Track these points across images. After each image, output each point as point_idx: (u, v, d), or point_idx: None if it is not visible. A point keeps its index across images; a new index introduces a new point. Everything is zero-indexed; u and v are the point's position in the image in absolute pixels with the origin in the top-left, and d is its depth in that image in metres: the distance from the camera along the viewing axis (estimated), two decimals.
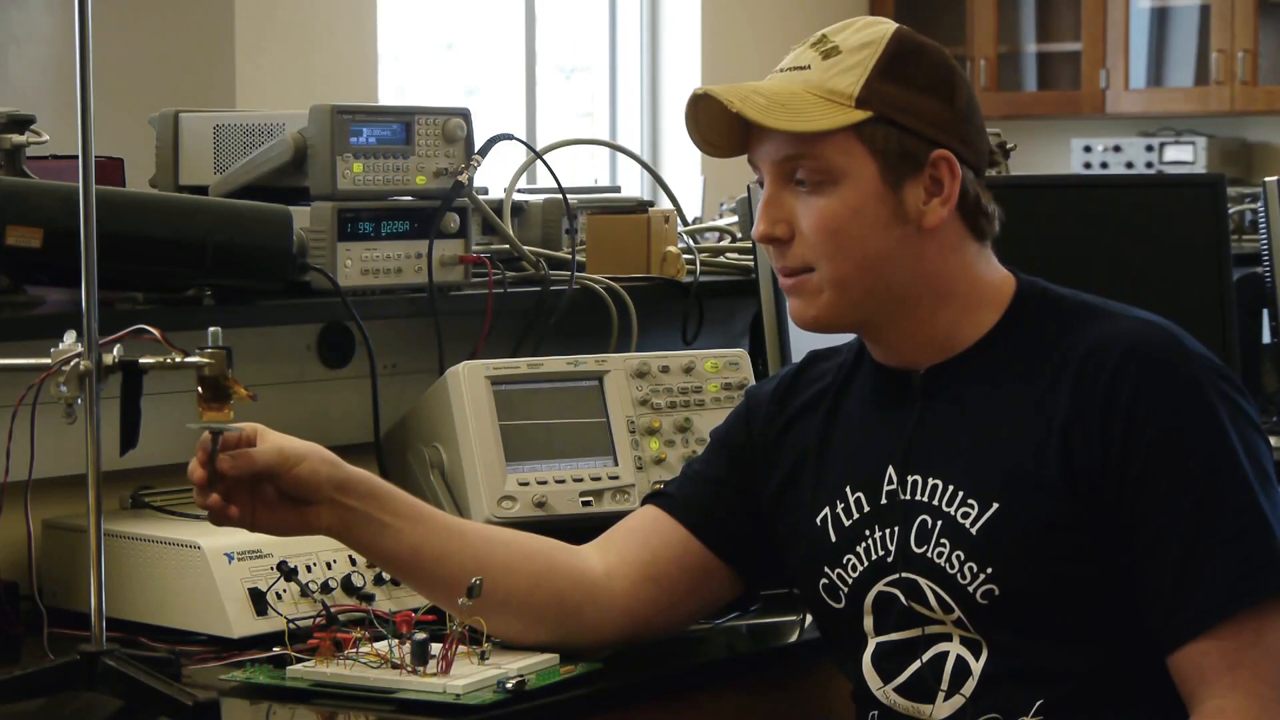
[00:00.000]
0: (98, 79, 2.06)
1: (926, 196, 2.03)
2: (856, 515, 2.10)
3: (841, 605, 2.11)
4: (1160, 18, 7.88)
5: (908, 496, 2.06)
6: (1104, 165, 7.81)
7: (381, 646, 2.11)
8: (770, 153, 2.05)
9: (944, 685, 2.04)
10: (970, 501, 2.01)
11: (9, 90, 5.66)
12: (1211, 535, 1.93)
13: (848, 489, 2.11)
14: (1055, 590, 1.98)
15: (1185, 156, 7.69)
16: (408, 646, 2.08)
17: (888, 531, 2.07)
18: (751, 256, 3.01)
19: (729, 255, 3.30)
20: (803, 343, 2.87)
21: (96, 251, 2.06)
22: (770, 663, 2.41)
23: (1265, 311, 3.72)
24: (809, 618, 2.48)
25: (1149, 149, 7.79)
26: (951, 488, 2.03)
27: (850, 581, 2.10)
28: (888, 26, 2.06)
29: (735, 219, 3.56)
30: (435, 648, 2.09)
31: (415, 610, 2.15)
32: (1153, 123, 7.90)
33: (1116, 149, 7.81)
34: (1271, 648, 1.92)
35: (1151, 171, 7.61)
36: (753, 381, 2.69)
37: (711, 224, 3.69)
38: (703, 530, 2.20)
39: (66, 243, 2.12)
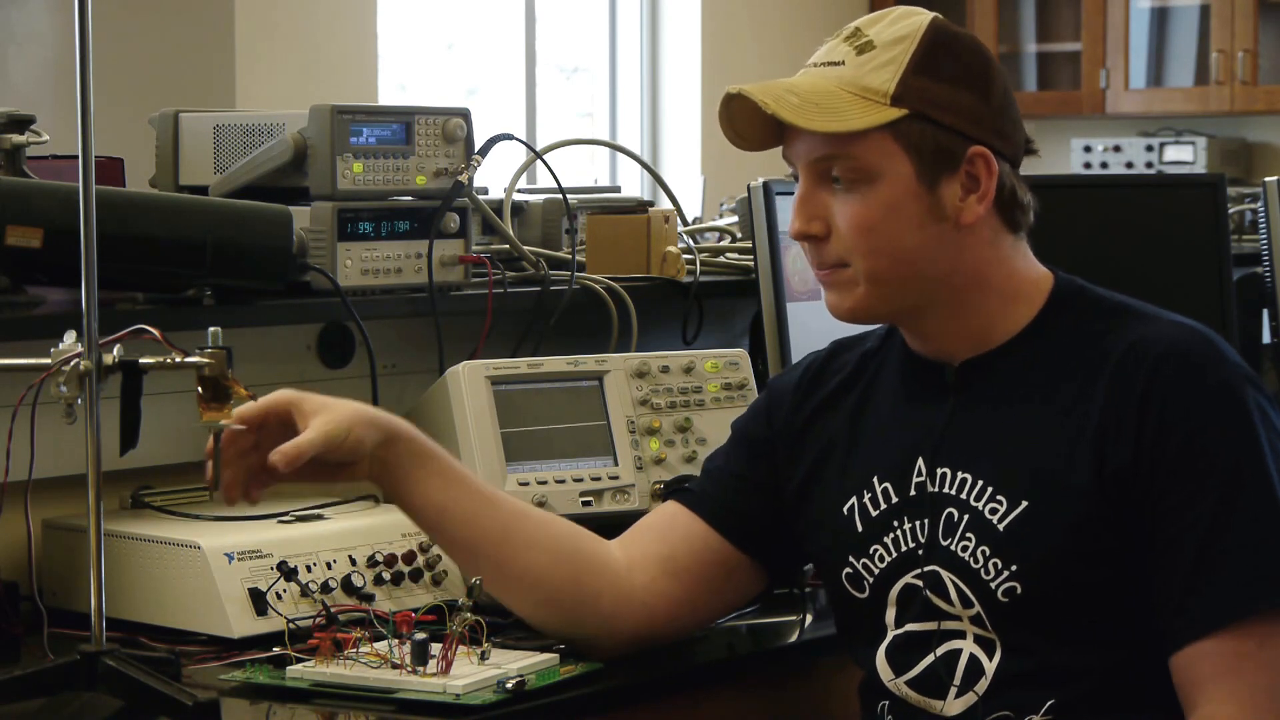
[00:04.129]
0: (98, 79, 2.06)
1: (963, 193, 2.03)
2: (884, 506, 2.10)
3: (865, 595, 2.11)
4: (1160, 18, 7.87)
5: (936, 489, 2.06)
6: (1104, 165, 7.81)
7: (381, 646, 2.12)
8: (804, 151, 2.05)
9: (956, 681, 2.04)
10: (999, 498, 2.01)
11: (9, 90, 5.66)
12: (1228, 539, 1.92)
13: (875, 479, 2.11)
14: (1076, 591, 1.98)
15: (1185, 156, 7.69)
16: (408, 646, 2.08)
17: (917, 524, 2.07)
18: (751, 256, 3.01)
19: (729, 255, 3.30)
20: (803, 343, 2.87)
21: (96, 251, 2.06)
22: (770, 663, 2.41)
23: (1265, 311, 3.72)
24: (809, 618, 2.48)
25: (1149, 149, 7.79)
26: (981, 483, 2.03)
27: (876, 572, 2.09)
28: (922, 18, 2.04)
29: (735, 219, 3.55)
30: (435, 648, 2.09)
31: (415, 610, 2.15)
32: (1153, 123, 7.90)
33: (1116, 149, 7.81)
34: (1273, 659, 1.92)
35: (1151, 171, 7.61)
36: (753, 382, 2.69)
37: (711, 224, 3.69)
38: (723, 524, 2.20)
39: (66, 243, 2.12)
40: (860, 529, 2.11)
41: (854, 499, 2.12)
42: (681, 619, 2.22)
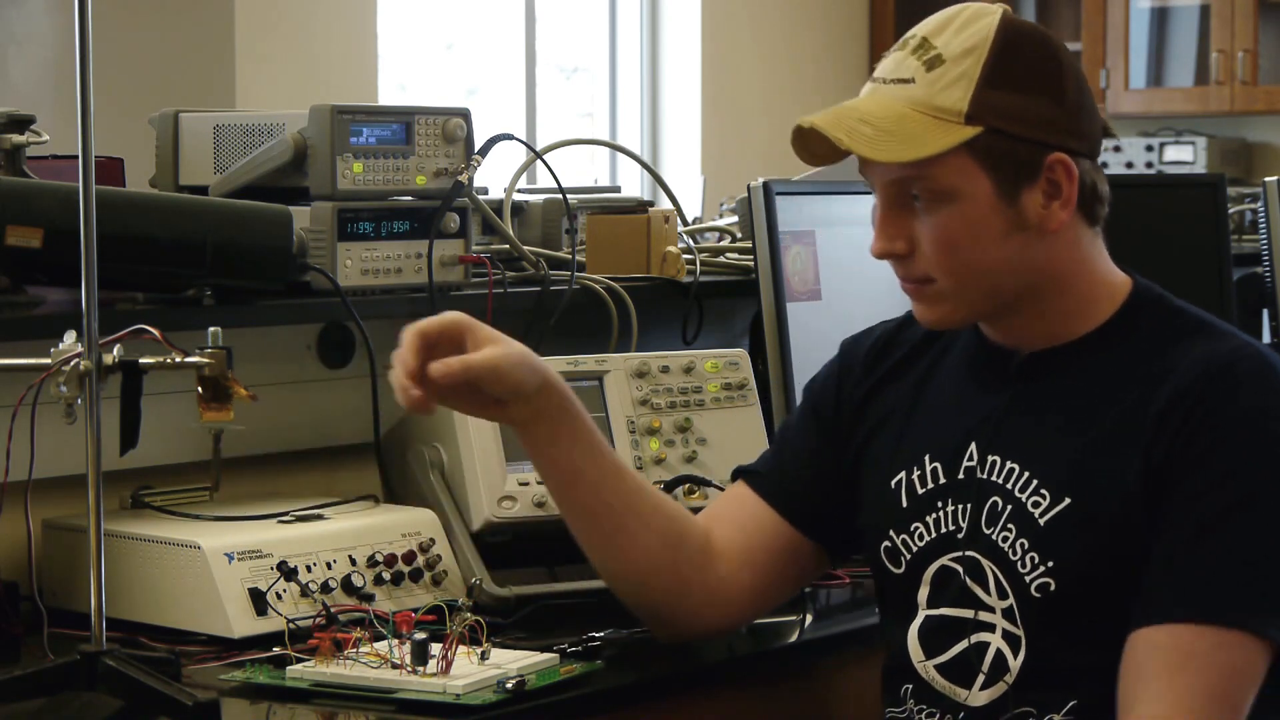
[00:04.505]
0: (98, 79, 2.06)
1: (1045, 200, 2.01)
2: (931, 485, 2.10)
3: (900, 571, 2.12)
4: (1160, 18, 7.88)
5: (984, 476, 2.06)
6: (1104, 165, 7.79)
7: (381, 646, 2.12)
8: (882, 173, 2.03)
9: (984, 669, 2.04)
10: (1043, 492, 2.01)
11: (9, 90, 5.66)
12: (1215, 545, 1.92)
13: (927, 457, 2.11)
14: (1107, 593, 1.97)
15: (1185, 156, 7.70)
16: (408, 646, 2.08)
17: (960, 507, 2.07)
18: (751, 256, 3.02)
19: (729, 255, 3.30)
20: (803, 343, 2.88)
21: (96, 251, 2.06)
22: (769, 663, 2.41)
23: (1265, 311, 3.72)
24: (809, 618, 2.48)
25: (1149, 149, 7.79)
26: (1027, 475, 2.03)
27: (914, 550, 2.10)
28: (990, 20, 2.01)
29: (735, 219, 3.55)
30: (435, 648, 2.09)
31: (415, 610, 2.15)
32: (1153, 123, 7.90)
33: (1116, 149, 7.81)
34: (1218, 667, 1.90)
35: (1151, 171, 7.61)
36: (753, 382, 2.69)
37: (711, 224, 3.69)
38: (791, 511, 2.22)
39: (66, 243, 2.12)
40: (905, 505, 2.11)
41: (903, 473, 2.12)
42: (753, 608, 2.25)
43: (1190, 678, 1.89)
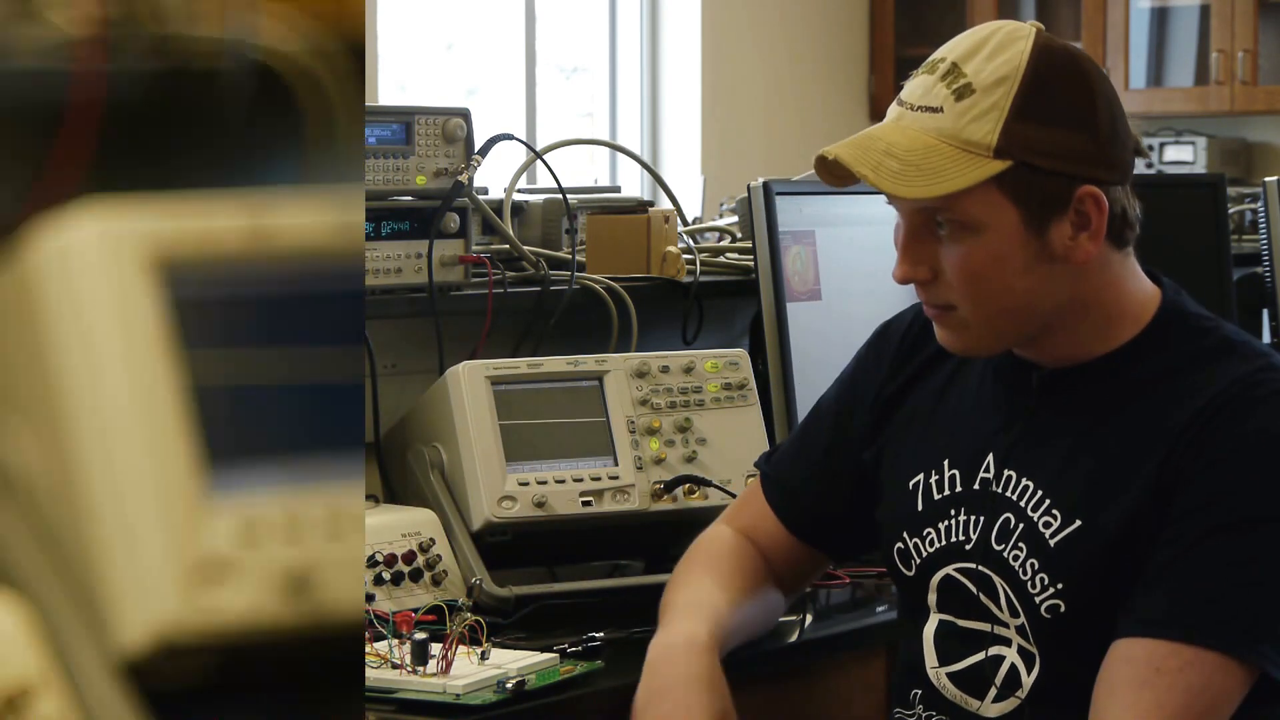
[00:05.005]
0: None
1: (1073, 231, 1.96)
2: (947, 491, 2.08)
3: (911, 574, 2.11)
4: (1160, 18, 7.88)
5: (998, 490, 2.04)
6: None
7: (381, 646, 2.12)
8: (908, 201, 1.98)
9: (997, 683, 2.03)
10: (1054, 512, 1.99)
11: None
12: (1208, 563, 1.90)
13: (946, 462, 2.09)
14: (1118, 613, 1.95)
15: (1185, 156, 7.69)
16: (408, 646, 2.08)
17: (972, 518, 2.06)
18: (751, 256, 3.02)
19: (729, 255, 3.30)
20: (803, 343, 2.88)
21: None
22: (769, 663, 2.41)
23: (1265, 311, 3.72)
24: (809, 618, 2.48)
25: (1149, 149, 7.79)
26: (1040, 493, 2.00)
27: (925, 554, 2.09)
28: (1022, 47, 1.96)
29: (735, 219, 3.55)
30: (435, 648, 2.09)
31: (415, 610, 2.15)
32: (1153, 123, 7.90)
33: None
34: (1187, 687, 1.87)
35: (1151, 171, 7.61)
36: (753, 381, 2.69)
37: (711, 224, 3.69)
38: (791, 520, 2.24)
39: None
40: (920, 508, 2.10)
41: (921, 476, 2.11)
42: (791, 599, 2.34)
43: (1159, 694, 1.87)
